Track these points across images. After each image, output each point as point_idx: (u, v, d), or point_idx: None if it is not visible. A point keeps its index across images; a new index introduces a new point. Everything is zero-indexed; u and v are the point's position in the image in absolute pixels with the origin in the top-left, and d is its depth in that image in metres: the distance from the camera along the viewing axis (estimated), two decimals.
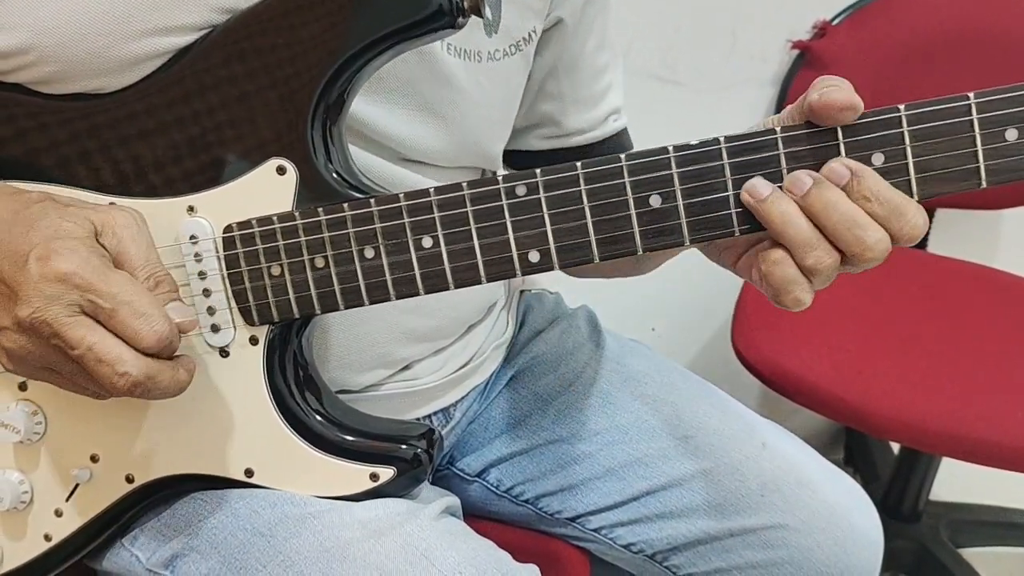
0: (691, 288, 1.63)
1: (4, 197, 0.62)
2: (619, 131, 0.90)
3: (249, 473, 0.69)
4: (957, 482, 1.64)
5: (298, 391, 0.68)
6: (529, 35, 0.76)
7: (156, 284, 0.61)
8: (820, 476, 0.85)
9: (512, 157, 0.88)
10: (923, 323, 1.35)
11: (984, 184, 0.58)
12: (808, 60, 1.50)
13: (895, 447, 1.68)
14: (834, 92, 0.57)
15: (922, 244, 1.66)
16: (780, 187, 0.59)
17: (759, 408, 0.91)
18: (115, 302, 0.57)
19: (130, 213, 0.62)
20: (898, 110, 0.58)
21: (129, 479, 0.70)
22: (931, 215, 1.65)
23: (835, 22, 1.49)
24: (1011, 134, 0.57)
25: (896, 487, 1.56)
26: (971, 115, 0.57)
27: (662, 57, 1.48)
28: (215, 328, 0.67)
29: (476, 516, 0.91)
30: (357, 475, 0.68)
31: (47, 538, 0.71)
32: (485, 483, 0.91)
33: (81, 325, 0.56)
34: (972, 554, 1.58)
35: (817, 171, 0.59)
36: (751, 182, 0.59)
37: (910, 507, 1.56)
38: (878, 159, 0.58)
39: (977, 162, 0.57)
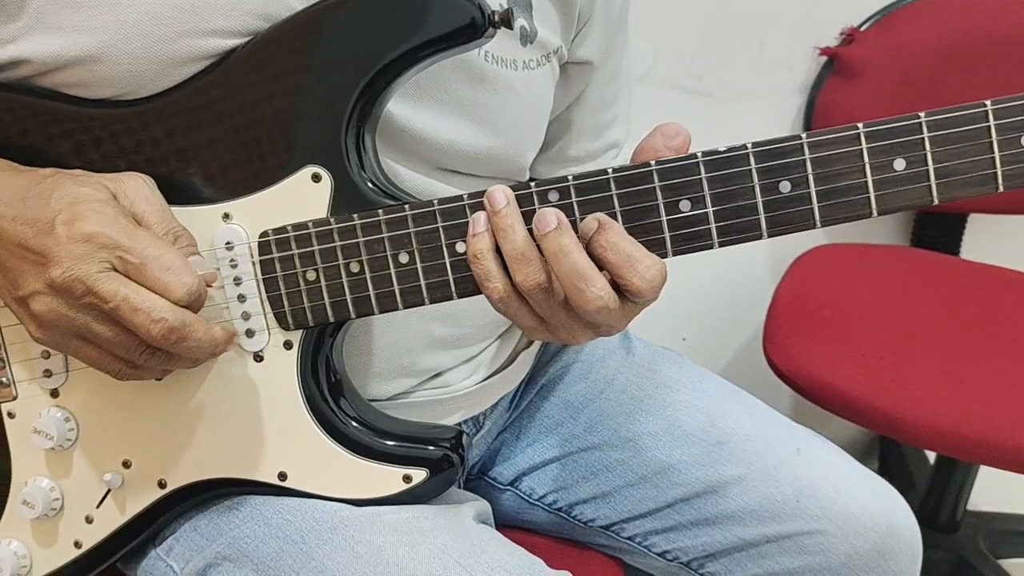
0: (721, 298, 1.63)
1: (12, 173, 0.63)
2: None
3: (283, 476, 0.69)
4: (996, 491, 1.61)
5: (331, 395, 0.68)
6: (557, 49, 0.78)
7: (175, 239, 0.63)
8: (857, 481, 0.84)
9: None
10: (957, 330, 1.33)
11: (1001, 188, 0.60)
12: (836, 67, 1.49)
13: (931, 456, 1.66)
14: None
15: (954, 250, 1.65)
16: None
17: (792, 418, 0.90)
18: (143, 257, 0.59)
19: (140, 177, 0.64)
20: (918, 117, 0.59)
21: (161, 484, 0.70)
22: (963, 221, 1.64)
23: (863, 28, 1.49)
24: None
25: (933, 497, 1.53)
26: (988, 121, 0.59)
27: (688, 67, 1.48)
28: (250, 333, 0.67)
29: (508, 525, 0.91)
30: (390, 477, 0.68)
31: (77, 545, 0.72)
32: (518, 491, 0.90)
33: (113, 279, 0.58)
34: (1012, 565, 1.56)
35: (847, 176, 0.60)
36: (490, 192, 0.62)
37: (947, 517, 1.53)
38: (900, 164, 0.60)
39: (994, 167, 0.59)
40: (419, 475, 0.68)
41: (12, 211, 0.60)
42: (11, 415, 0.71)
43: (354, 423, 0.68)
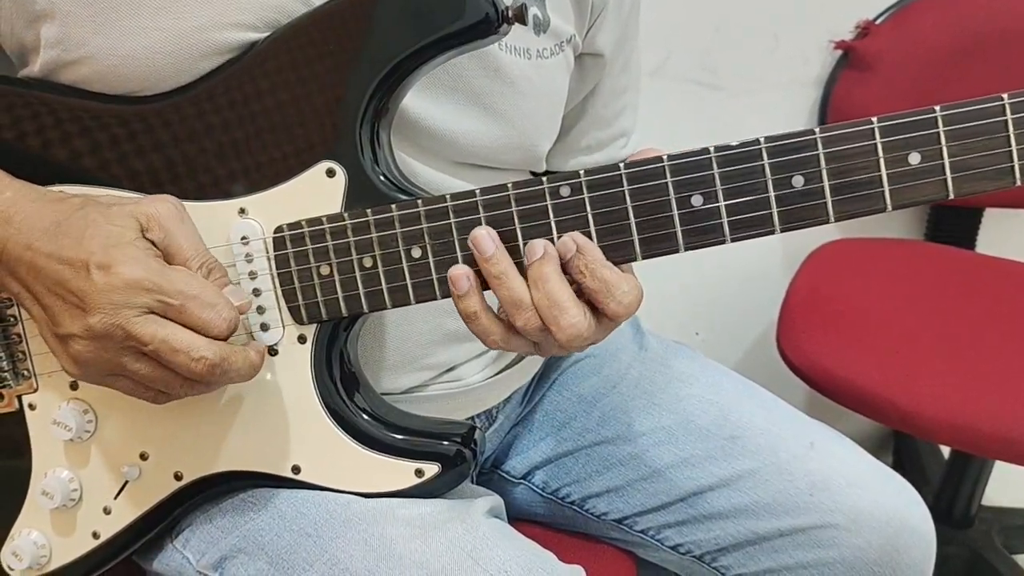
0: (735, 293, 1.62)
1: (44, 205, 0.63)
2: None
3: (296, 470, 0.70)
4: (1011, 486, 1.60)
5: (344, 389, 0.69)
6: (571, 38, 0.78)
7: (208, 272, 0.63)
8: (870, 475, 0.84)
9: None
10: (972, 324, 1.33)
11: (1018, 182, 0.59)
12: (851, 60, 1.49)
13: (945, 451, 1.66)
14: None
15: (970, 244, 1.64)
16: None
17: (806, 413, 0.90)
18: (183, 298, 0.60)
19: (171, 203, 0.64)
20: (934, 111, 0.58)
21: (178, 476, 0.71)
22: (979, 215, 1.63)
23: (878, 21, 1.48)
24: None
25: (947, 492, 1.53)
26: (1005, 115, 0.58)
27: (702, 60, 1.47)
28: (264, 327, 0.68)
29: (521, 519, 0.91)
30: (402, 471, 0.69)
31: (95, 536, 0.73)
32: (531, 485, 0.91)
33: (151, 322, 0.59)
34: None
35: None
36: (476, 236, 0.62)
37: (962, 512, 1.53)
38: (915, 158, 0.59)
39: (1011, 161, 0.58)
40: (431, 469, 0.68)
41: (48, 246, 0.61)
42: (32, 407, 0.72)
43: (367, 417, 0.69)
